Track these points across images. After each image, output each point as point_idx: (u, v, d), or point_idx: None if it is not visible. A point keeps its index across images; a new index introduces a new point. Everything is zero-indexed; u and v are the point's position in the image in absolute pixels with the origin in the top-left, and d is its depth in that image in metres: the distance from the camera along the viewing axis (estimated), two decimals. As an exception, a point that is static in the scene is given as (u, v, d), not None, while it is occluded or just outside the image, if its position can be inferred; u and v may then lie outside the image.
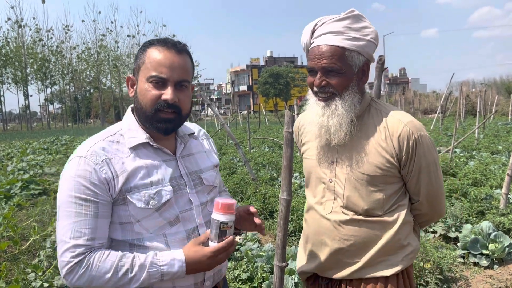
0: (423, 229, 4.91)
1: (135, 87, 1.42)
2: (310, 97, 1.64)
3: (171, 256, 1.31)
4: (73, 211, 1.27)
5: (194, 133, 1.61)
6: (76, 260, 1.25)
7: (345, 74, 1.52)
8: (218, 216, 1.33)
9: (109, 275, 1.25)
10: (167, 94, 1.34)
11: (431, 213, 1.68)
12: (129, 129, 1.41)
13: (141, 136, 1.40)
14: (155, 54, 1.35)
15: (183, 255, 1.32)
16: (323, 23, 1.55)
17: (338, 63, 1.50)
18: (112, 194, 1.31)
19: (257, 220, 1.49)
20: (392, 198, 1.60)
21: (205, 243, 1.35)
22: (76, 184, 1.28)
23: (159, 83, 1.35)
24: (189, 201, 1.44)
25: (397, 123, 1.55)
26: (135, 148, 1.38)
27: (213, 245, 1.33)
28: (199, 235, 1.42)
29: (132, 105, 1.49)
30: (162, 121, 1.37)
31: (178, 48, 1.38)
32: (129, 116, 1.46)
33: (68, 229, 1.27)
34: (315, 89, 1.58)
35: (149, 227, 1.35)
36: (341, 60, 1.51)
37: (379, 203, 1.58)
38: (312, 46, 1.57)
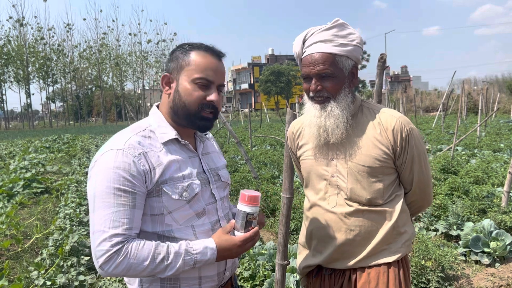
0: (425, 227, 4.92)
1: (172, 85, 1.49)
2: (307, 102, 1.76)
3: (203, 245, 1.38)
4: (111, 201, 1.31)
5: (207, 134, 1.70)
6: (115, 249, 1.28)
7: (337, 77, 1.66)
8: (244, 208, 1.42)
9: (146, 262, 1.30)
10: (213, 96, 1.45)
11: (422, 200, 1.83)
12: (159, 126, 1.49)
13: (171, 132, 1.48)
14: (202, 58, 1.45)
15: (215, 243, 1.39)
16: (312, 34, 1.69)
17: (330, 68, 1.64)
18: (148, 186, 1.37)
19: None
20: (389, 187, 1.73)
21: (231, 232, 1.44)
22: (115, 176, 1.32)
23: (204, 85, 1.44)
24: (212, 195, 1.53)
25: (390, 118, 1.70)
26: (166, 144, 1.46)
27: (239, 234, 1.43)
28: (221, 226, 1.51)
29: (157, 103, 1.57)
30: (203, 119, 1.47)
31: (220, 55, 1.50)
32: (156, 113, 1.53)
33: (107, 219, 1.30)
34: (311, 94, 1.70)
35: (179, 218, 1.42)
36: (333, 65, 1.64)
37: (380, 193, 1.70)
38: (304, 55, 1.70)
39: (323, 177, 1.76)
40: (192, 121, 1.47)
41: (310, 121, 1.73)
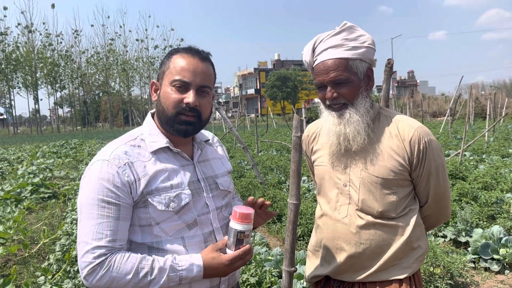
0: (433, 233, 4.87)
1: (158, 91, 1.47)
2: (324, 111, 1.70)
3: (190, 261, 1.34)
4: (95, 213, 1.30)
5: (209, 140, 1.66)
6: (97, 261, 1.27)
7: (353, 82, 1.60)
8: (235, 225, 1.37)
9: (129, 276, 1.28)
10: (189, 97, 1.39)
11: (438, 215, 1.75)
12: (150, 134, 1.45)
13: (162, 140, 1.44)
14: (180, 60, 1.42)
15: (202, 260, 1.35)
16: (321, 40, 1.63)
17: (344, 73, 1.58)
18: (134, 197, 1.35)
19: (266, 203, 1.57)
20: (403, 200, 1.65)
21: (222, 250, 1.39)
22: (99, 187, 1.31)
23: (182, 87, 1.40)
24: (206, 205, 1.48)
25: (408, 128, 1.63)
26: (155, 153, 1.42)
27: (230, 252, 1.37)
28: (216, 238, 1.47)
29: (152, 111, 1.54)
30: (183, 123, 1.41)
31: (202, 55, 1.45)
32: (149, 121, 1.50)
33: (90, 230, 1.29)
34: (327, 102, 1.65)
35: (168, 230, 1.39)
36: (346, 70, 1.58)
37: (393, 205, 1.63)
38: (316, 63, 1.64)
39: (336, 185, 1.70)
40: (172, 125, 1.42)
41: (329, 129, 1.66)
